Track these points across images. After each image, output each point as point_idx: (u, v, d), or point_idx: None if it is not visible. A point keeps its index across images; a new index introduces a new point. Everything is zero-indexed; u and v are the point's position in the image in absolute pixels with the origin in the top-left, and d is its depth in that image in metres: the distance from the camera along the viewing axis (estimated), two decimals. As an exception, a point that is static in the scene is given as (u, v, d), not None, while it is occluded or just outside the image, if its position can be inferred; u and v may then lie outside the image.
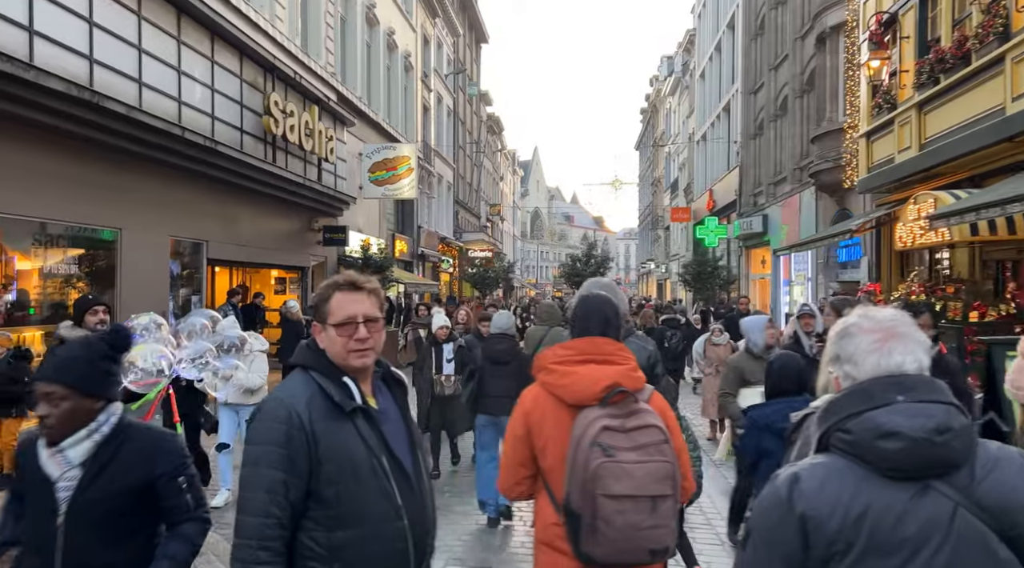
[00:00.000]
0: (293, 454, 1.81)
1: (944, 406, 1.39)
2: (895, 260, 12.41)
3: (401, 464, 1.93)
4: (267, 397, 1.92)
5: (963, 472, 1.37)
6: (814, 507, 1.38)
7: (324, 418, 1.85)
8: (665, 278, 45.30)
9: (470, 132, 37.16)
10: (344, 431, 1.86)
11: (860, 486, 1.38)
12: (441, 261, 28.33)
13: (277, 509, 1.78)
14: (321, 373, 1.92)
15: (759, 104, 22.72)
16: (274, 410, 1.86)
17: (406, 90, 24.48)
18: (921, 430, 1.35)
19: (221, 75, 11.21)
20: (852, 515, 1.36)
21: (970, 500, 1.35)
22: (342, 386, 1.90)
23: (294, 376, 1.95)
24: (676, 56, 42.62)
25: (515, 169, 65.45)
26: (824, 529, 1.37)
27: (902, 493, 1.36)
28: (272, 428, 1.83)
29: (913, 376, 1.44)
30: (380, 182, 19.14)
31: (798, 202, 17.99)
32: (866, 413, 1.41)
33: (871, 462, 1.38)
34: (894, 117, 10.56)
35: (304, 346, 2.00)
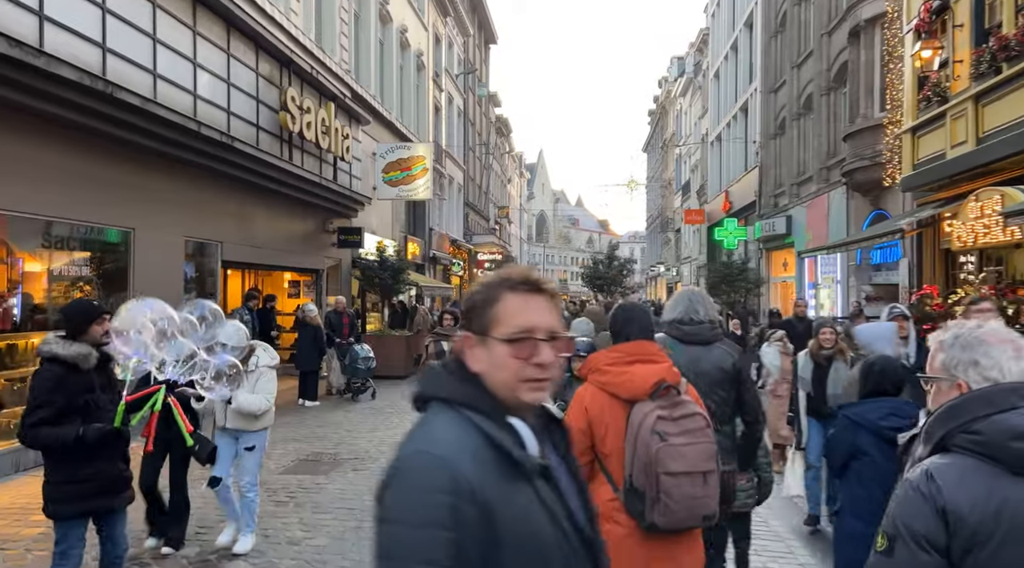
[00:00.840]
0: (462, 539, 1.20)
1: None
2: (939, 261, 11.87)
3: (590, 541, 1.37)
4: (410, 450, 1.27)
5: None
6: (955, 502, 1.51)
7: (497, 481, 1.25)
8: (676, 281, 44.73)
9: (479, 134, 36.69)
10: (523, 498, 1.28)
11: (993, 483, 1.51)
12: (452, 264, 27.82)
13: None
14: (481, 412, 1.31)
15: (780, 103, 22.19)
16: (428, 472, 1.22)
17: (418, 89, 24.01)
18: None
19: (237, 68, 10.73)
20: (991, 509, 1.49)
21: None
22: (510, 431, 1.32)
23: (440, 417, 1.32)
24: (687, 56, 42.13)
25: (522, 171, 65.00)
26: (966, 521, 1.50)
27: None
28: (428, 501, 1.20)
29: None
30: (394, 183, 18.65)
31: (826, 202, 17.44)
32: (994, 416, 1.55)
33: (1002, 461, 1.52)
34: (946, 110, 10.03)
35: (447, 370, 1.39)
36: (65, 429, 3.54)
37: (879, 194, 14.16)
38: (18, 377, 7.65)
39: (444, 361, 1.44)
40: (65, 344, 3.63)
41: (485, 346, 1.36)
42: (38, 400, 3.53)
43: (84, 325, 3.71)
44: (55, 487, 3.64)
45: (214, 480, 5.05)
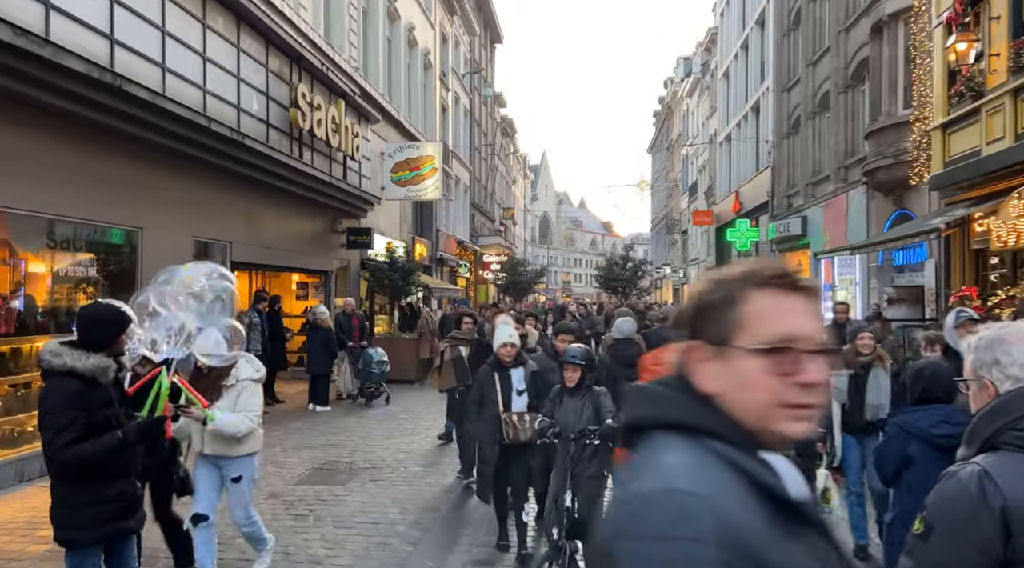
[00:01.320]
0: None
1: None
2: (969, 262, 11.52)
3: None
4: (653, 488, 0.94)
5: None
6: (1016, 500, 1.51)
7: (769, 533, 0.93)
8: (683, 283, 44.37)
9: (485, 134, 36.37)
10: (797, 556, 0.96)
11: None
12: (459, 265, 27.48)
13: None
14: (731, 443, 1.00)
15: (794, 101, 21.85)
16: (686, 518, 0.90)
17: (425, 88, 23.70)
18: None
19: (247, 63, 10.40)
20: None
21: None
22: (768, 469, 1.01)
23: (677, 448, 1.00)
24: (695, 56, 41.82)
25: (526, 173, 64.67)
26: (1008, 509, 1.51)
27: None
28: (690, 555, 0.87)
29: None
30: (403, 183, 18.31)
31: (844, 202, 17.09)
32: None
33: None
34: (980, 106, 9.69)
35: (669, 388, 1.07)
36: (102, 438, 3.11)
37: (902, 193, 13.81)
38: (22, 382, 7.33)
39: (662, 379, 1.10)
40: (81, 356, 3.13)
41: (724, 359, 1.03)
42: (61, 419, 3.07)
43: (110, 336, 3.23)
44: (72, 511, 3.18)
45: (197, 517, 4.23)
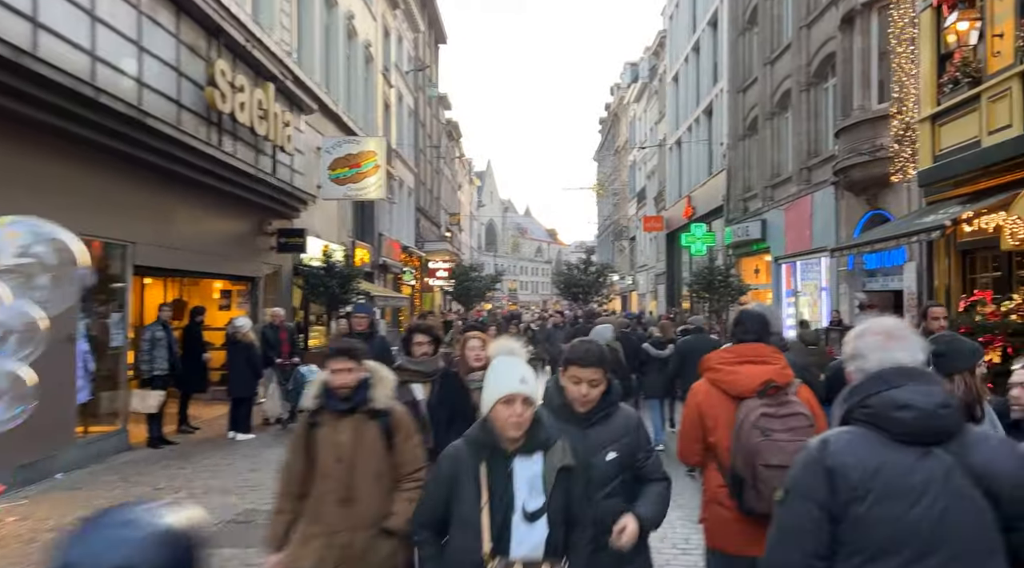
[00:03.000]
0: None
1: (943, 389, 1.85)
2: (956, 264, 10.75)
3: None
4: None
5: (955, 442, 1.77)
6: (840, 462, 1.78)
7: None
8: (631, 290, 43.75)
9: (430, 136, 34.94)
10: None
11: (877, 448, 1.78)
12: (403, 272, 25.93)
13: None
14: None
15: (750, 102, 21.23)
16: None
17: (367, 83, 22.17)
18: (930, 404, 1.78)
19: (152, 31, 8.80)
20: (870, 468, 1.75)
21: (962, 463, 1.75)
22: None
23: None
24: (642, 61, 41.38)
25: (472, 178, 63.37)
26: (848, 479, 1.76)
27: (910, 454, 1.76)
28: None
29: (915, 368, 1.88)
30: (342, 181, 16.75)
31: (809, 204, 16.38)
32: (884, 392, 1.82)
33: (887, 429, 1.79)
34: (980, 92, 8.88)
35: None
36: None
37: (877, 192, 13.08)
38: None
39: None
40: None
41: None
42: None
43: None
44: None
45: None
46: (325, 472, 3.07)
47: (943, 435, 1.77)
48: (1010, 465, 1.79)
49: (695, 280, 17.16)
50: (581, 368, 2.67)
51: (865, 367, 1.92)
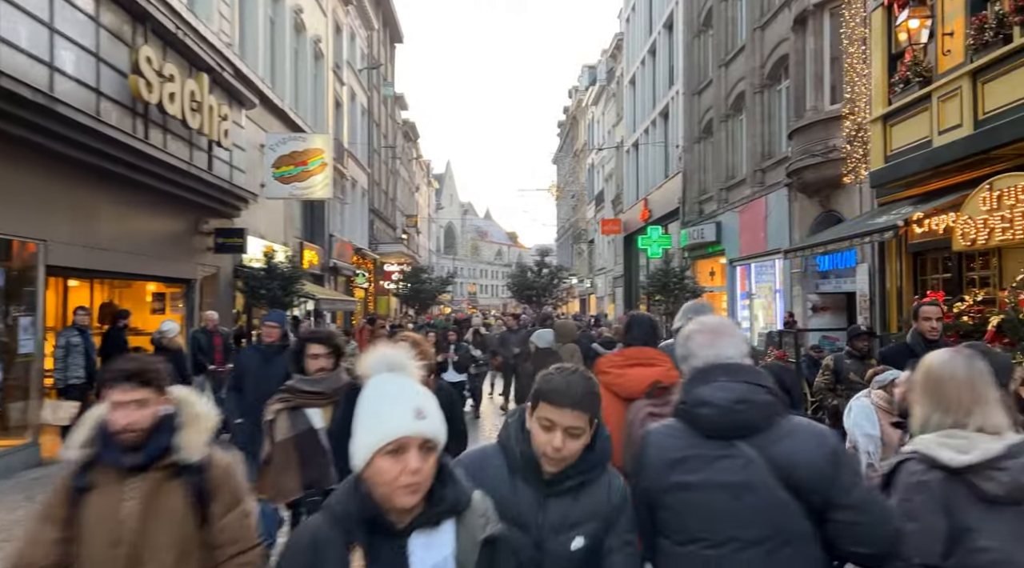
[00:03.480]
0: None
1: (749, 385, 1.91)
2: (907, 265, 10.70)
3: None
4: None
5: (762, 435, 1.87)
6: (652, 454, 1.97)
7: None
8: (589, 293, 43.67)
9: (385, 136, 34.28)
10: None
11: (685, 441, 1.92)
12: (356, 275, 25.26)
13: None
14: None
15: (705, 104, 21.19)
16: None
17: (316, 79, 21.50)
18: (725, 401, 1.88)
19: (66, 12, 8.14)
20: (672, 460, 1.91)
21: (764, 456, 1.84)
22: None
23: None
24: (600, 64, 41.38)
25: (430, 180, 62.69)
26: (657, 469, 1.92)
27: (715, 447, 1.88)
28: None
29: (733, 365, 1.96)
30: (287, 179, 16.11)
31: (764, 206, 16.32)
32: (698, 389, 1.95)
33: (695, 424, 1.93)
34: (931, 92, 8.78)
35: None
36: None
37: (830, 194, 13.02)
38: None
39: None
40: None
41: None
42: None
43: None
44: None
45: None
46: (94, 562, 2.02)
47: (743, 429, 1.87)
48: (812, 457, 1.86)
49: (650, 282, 16.96)
50: (556, 409, 1.88)
51: (696, 366, 2.02)
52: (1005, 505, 1.89)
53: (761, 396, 1.90)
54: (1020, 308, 6.11)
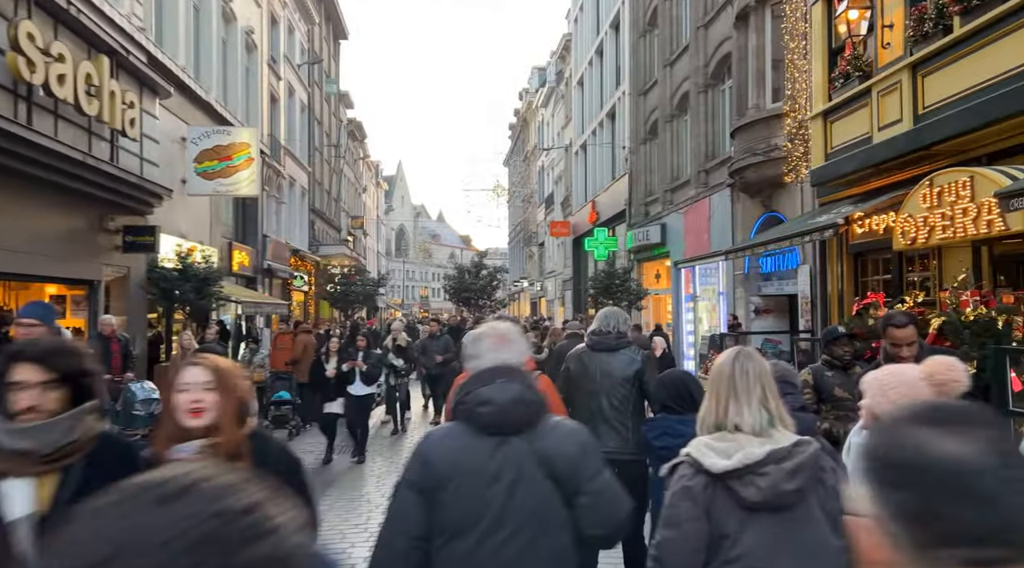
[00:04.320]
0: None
1: (521, 386, 2.07)
2: (848, 266, 10.43)
3: None
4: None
5: (532, 432, 2.04)
6: (432, 453, 2.08)
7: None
8: (540, 296, 43.27)
9: (328, 134, 33.24)
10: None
11: (463, 439, 2.05)
12: (293, 277, 24.23)
13: None
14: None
15: (651, 105, 20.93)
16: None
17: (248, 72, 20.51)
18: (505, 400, 2.03)
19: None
20: (453, 458, 2.02)
21: (532, 449, 2.01)
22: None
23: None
24: (549, 66, 41.08)
25: (379, 181, 61.50)
26: (435, 468, 2.02)
27: (490, 443, 2.02)
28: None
29: (509, 367, 2.10)
30: (210, 175, 15.15)
31: (707, 207, 16.04)
32: (476, 390, 2.08)
33: (473, 422, 2.06)
34: (871, 86, 8.48)
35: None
36: None
37: (771, 194, 12.74)
38: None
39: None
40: None
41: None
42: None
43: None
44: None
45: None
46: None
47: (517, 426, 2.02)
48: (567, 449, 2.03)
49: (593, 284, 16.52)
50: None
51: (480, 366, 2.14)
52: (765, 512, 1.88)
53: (531, 397, 2.05)
54: (961, 310, 5.74)
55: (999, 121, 6.77)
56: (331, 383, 8.76)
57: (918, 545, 0.84)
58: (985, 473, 0.83)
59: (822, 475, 1.97)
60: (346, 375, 8.72)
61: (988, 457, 0.84)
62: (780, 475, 1.89)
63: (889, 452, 0.88)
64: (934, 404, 1.03)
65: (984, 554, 0.80)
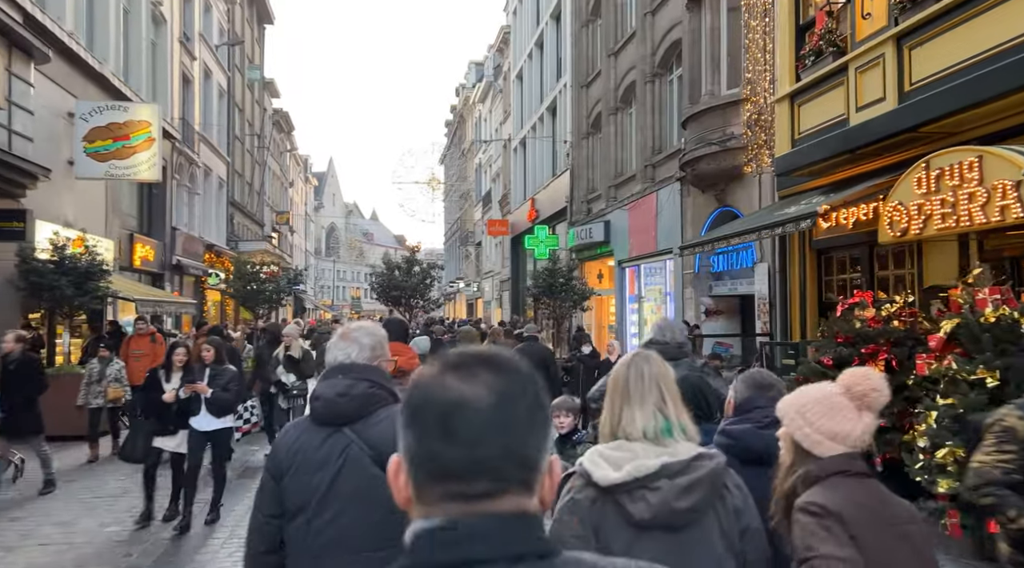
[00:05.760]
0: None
1: (351, 380, 2.19)
2: (811, 264, 9.64)
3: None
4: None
5: (363, 422, 2.16)
6: (278, 444, 2.27)
7: None
8: (476, 297, 42.04)
9: (250, 123, 31.16)
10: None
11: (303, 432, 2.22)
12: (208, 275, 22.26)
13: None
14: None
15: (594, 97, 20.01)
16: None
17: (155, 47, 18.58)
18: (329, 394, 2.18)
19: None
20: (293, 448, 2.19)
21: (361, 438, 2.14)
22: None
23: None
24: (487, 60, 39.95)
25: (307, 177, 59.00)
26: (279, 457, 2.21)
27: (323, 433, 2.17)
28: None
29: (349, 363, 2.24)
30: (103, 156, 13.35)
31: (654, 203, 15.17)
32: (317, 386, 2.25)
33: (317, 418, 2.22)
34: (847, 62, 7.64)
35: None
36: None
37: (725, 187, 11.91)
38: None
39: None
40: None
41: None
42: None
43: None
44: None
45: None
46: None
47: (345, 418, 2.17)
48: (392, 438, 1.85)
49: (535, 283, 15.40)
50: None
51: (328, 361, 2.33)
52: (655, 531, 1.78)
53: (360, 389, 2.19)
54: (979, 310, 4.84)
55: (998, 98, 5.99)
56: (171, 410, 6.18)
57: (418, 481, 0.89)
58: (468, 412, 0.87)
59: (724, 493, 1.86)
60: (181, 405, 6.17)
61: (479, 397, 0.87)
62: (673, 491, 1.78)
63: (409, 396, 0.92)
64: (465, 352, 0.96)
65: (466, 489, 0.86)
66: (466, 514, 0.85)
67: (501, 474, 0.86)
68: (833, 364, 6.11)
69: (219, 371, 6.31)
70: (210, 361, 6.34)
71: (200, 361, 6.40)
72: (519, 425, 0.88)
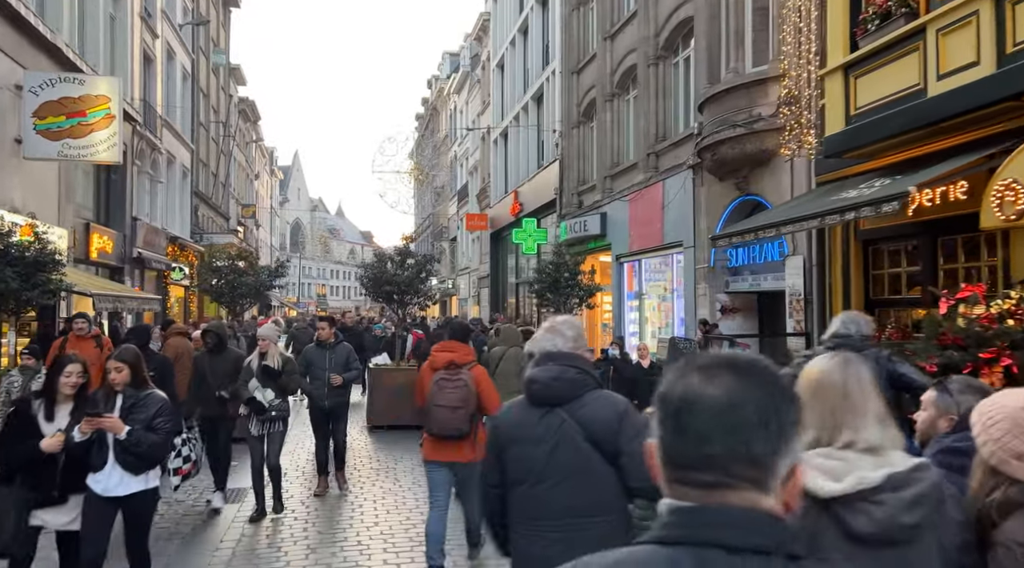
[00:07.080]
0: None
1: (561, 367, 2.64)
2: (856, 257, 8.77)
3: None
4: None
5: (574, 403, 2.58)
6: (500, 421, 2.83)
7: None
8: (452, 294, 40.83)
9: (215, 109, 29.50)
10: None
11: (521, 410, 2.68)
12: (171, 269, 20.71)
13: None
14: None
15: (587, 84, 19.03)
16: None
17: (114, 20, 17.05)
18: (545, 378, 2.63)
19: None
20: (514, 424, 2.68)
21: (573, 418, 2.55)
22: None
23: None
24: (463, 50, 38.74)
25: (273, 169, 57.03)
26: (501, 432, 2.72)
27: (538, 413, 2.61)
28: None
29: (556, 352, 2.67)
30: (56, 134, 11.92)
31: (660, 194, 14.23)
32: (532, 371, 2.68)
33: (528, 396, 2.68)
34: (924, 24, 6.74)
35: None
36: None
37: (749, 174, 11.01)
38: None
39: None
40: None
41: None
42: None
43: None
44: None
45: None
46: None
47: (558, 399, 2.59)
48: (605, 416, 2.57)
49: (538, 279, 14.36)
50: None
51: (535, 350, 2.74)
52: (876, 546, 1.67)
53: (570, 375, 2.61)
54: None
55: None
56: (56, 465, 3.97)
57: (663, 464, 1.02)
58: (697, 410, 0.98)
59: (941, 507, 1.74)
60: (71, 452, 3.92)
61: (712, 398, 0.97)
62: (899, 505, 1.66)
63: (662, 387, 1.04)
64: (718, 355, 1.06)
65: (697, 477, 0.97)
66: (703, 502, 0.97)
67: (729, 470, 0.95)
68: (938, 370, 5.22)
69: (140, 399, 4.04)
70: (121, 383, 4.03)
71: (106, 385, 4.08)
72: (747, 427, 0.96)
